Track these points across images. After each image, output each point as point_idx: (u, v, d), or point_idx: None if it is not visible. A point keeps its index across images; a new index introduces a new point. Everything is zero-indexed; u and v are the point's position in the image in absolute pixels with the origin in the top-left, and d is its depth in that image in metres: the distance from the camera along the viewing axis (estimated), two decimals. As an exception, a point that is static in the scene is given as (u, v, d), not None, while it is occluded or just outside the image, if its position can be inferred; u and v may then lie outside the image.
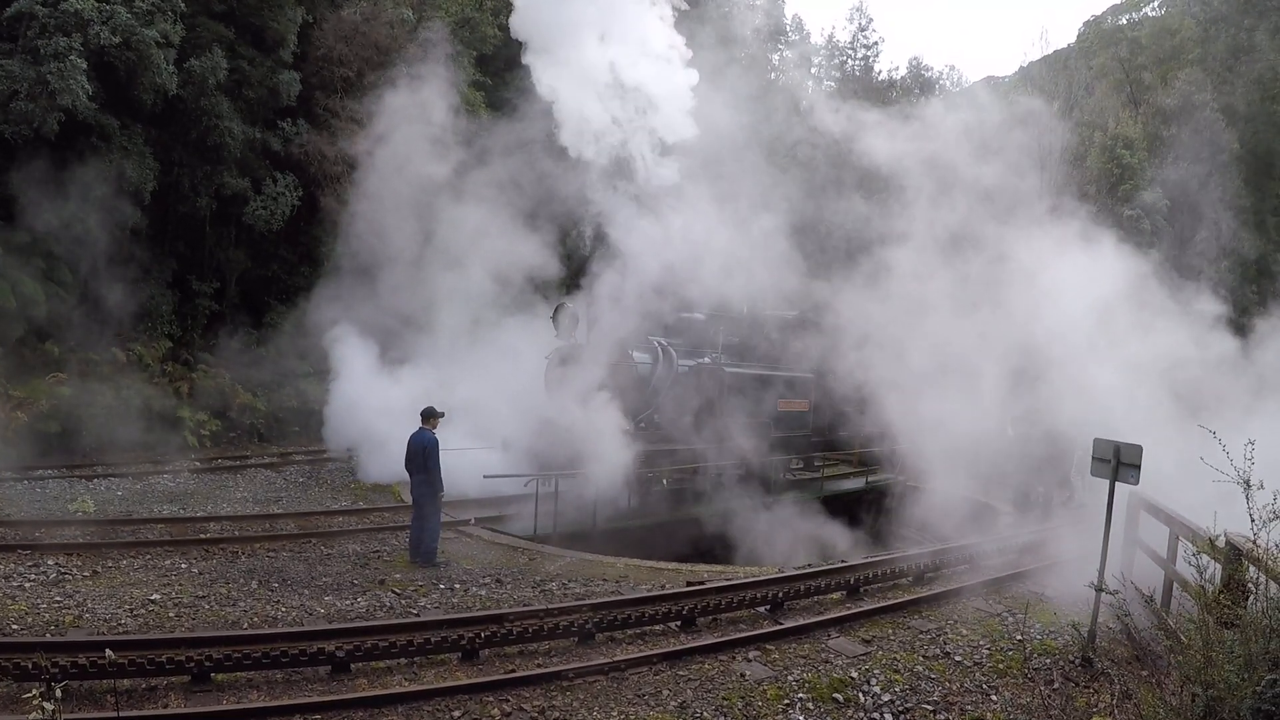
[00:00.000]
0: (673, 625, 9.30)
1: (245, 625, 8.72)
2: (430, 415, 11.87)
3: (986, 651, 9.02)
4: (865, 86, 34.80)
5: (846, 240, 20.73)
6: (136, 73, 18.31)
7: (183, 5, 19.11)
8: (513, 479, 14.00)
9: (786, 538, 17.28)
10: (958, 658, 8.84)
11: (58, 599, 9.07)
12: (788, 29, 38.86)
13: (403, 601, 9.86)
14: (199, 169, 20.95)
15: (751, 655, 8.58)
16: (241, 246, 22.73)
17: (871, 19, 45.36)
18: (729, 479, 17.55)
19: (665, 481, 15.92)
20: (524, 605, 9.62)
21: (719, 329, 18.22)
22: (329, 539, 12.60)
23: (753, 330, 19.32)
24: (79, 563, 10.50)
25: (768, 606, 10.00)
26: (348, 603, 9.67)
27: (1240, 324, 18.35)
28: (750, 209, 17.77)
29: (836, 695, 7.76)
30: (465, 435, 15.31)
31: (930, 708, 7.70)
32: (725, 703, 7.45)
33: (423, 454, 11.54)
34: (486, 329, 19.14)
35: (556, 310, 15.75)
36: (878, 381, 17.49)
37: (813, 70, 38.84)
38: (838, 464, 22.11)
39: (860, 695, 7.83)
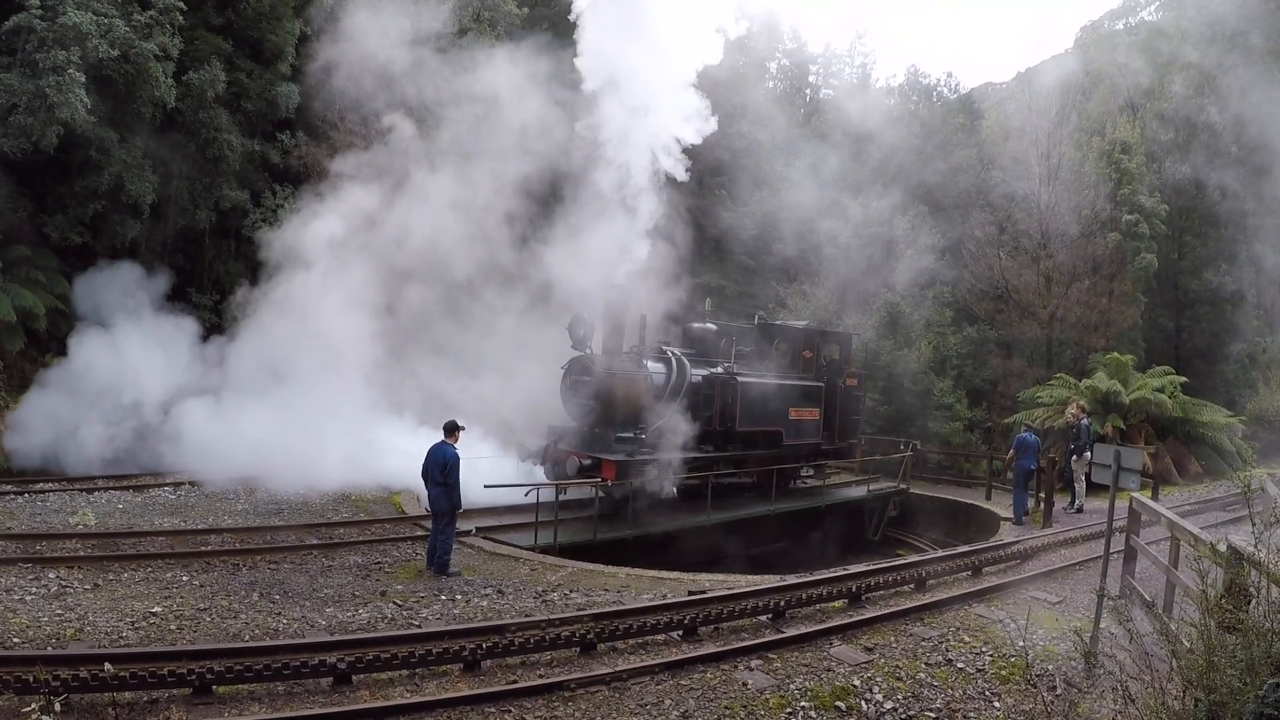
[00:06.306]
0: (675, 635, 9.27)
1: (247, 637, 8.71)
2: (452, 429, 11.80)
3: (989, 658, 9.01)
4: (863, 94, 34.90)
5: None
6: (135, 86, 18.34)
7: (181, 19, 19.14)
8: (514, 488, 14.00)
9: (790, 545, 17.25)
10: (960, 665, 8.83)
11: (59, 612, 9.05)
12: (785, 38, 38.93)
13: (404, 613, 9.85)
14: (198, 181, 20.98)
15: (753, 664, 8.56)
16: (241, 259, 22.76)
17: (868, 28, 45.40)
18: (739, 488, 17.56)
19: (675, 491, 15.92)
20: (526, 616, 9.61)
21: (731, 338, 18.25)
22: (330, 551, 12.58)
23: (764, 340, 19.38)
24: (80, 576, 10.48)
25: (769, 615, 9.98)
26: (349, 614, 9.66)
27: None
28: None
29: (839, 703, 7.75)
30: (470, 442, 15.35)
31: (933, 715, 7.68)
32: (727, 711, 7.44)
33: (442, 469, 11.51)
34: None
35: (572, 321, 15.76)
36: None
37: (810, 79, 38.90)
38: (840, 472, 22.19)
39: (863, 703, 7.81)
